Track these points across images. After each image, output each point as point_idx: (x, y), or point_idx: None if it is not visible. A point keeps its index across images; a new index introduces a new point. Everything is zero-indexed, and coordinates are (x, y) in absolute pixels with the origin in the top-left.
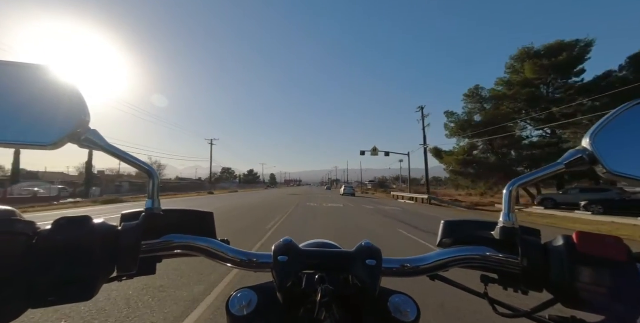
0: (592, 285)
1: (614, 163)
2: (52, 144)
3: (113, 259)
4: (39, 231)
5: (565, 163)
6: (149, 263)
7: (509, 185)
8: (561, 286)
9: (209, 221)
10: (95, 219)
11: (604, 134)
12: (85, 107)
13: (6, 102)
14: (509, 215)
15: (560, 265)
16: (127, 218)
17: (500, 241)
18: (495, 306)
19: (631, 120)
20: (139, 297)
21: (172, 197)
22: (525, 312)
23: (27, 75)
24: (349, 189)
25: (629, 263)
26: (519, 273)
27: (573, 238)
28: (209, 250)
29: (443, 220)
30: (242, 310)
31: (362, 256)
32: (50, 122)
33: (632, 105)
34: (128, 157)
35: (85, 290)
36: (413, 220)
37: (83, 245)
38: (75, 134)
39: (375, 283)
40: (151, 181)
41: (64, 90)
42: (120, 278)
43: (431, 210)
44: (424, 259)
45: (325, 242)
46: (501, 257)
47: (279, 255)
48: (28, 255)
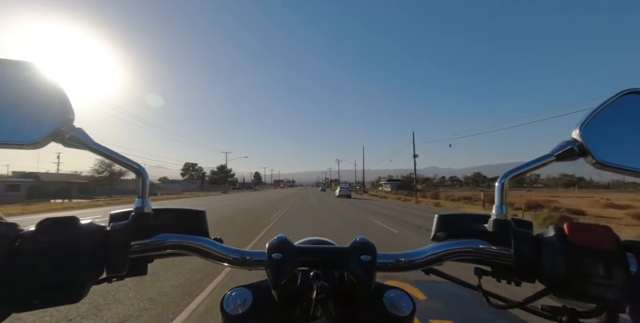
0: (582, 274)
1: (603, 154)
2: (34, 143)
3: (101, 260)
4: (22, 233)
5: (555, 155)
6: (139, 263)
7: (501, 177)
8: (553, 276)
9: (201, 220)
10: (82, 220)
11: (593, 125)
12: (69, 105)
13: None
14: (501, 208)
15: (551, 255)
16: (116, 218)
17: (493, 233)
18: (488, 297)
19: (620, 110)
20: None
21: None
22: (517, 303)
23: (8, 72)
24: (345, 190)
25: (618, 252)
26: (511, 265)
27: (564, 229)
28: (202, 249)
29: (437, 214)
30: (237, 308)
31: (356, 252)
32: (32, 120)
33: (621, 95)
34: (115, 156)
35: (72, 292)
36: None
37: (69, 246)
38: (59, 133)
39: (370, 279)
40: (140, 180)
41: (47, 87)
42: (109, 280)
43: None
44: (418, 253)
45: (320, 239)
46: (494, 249)
47: (273, 252)
48: (11, 258)
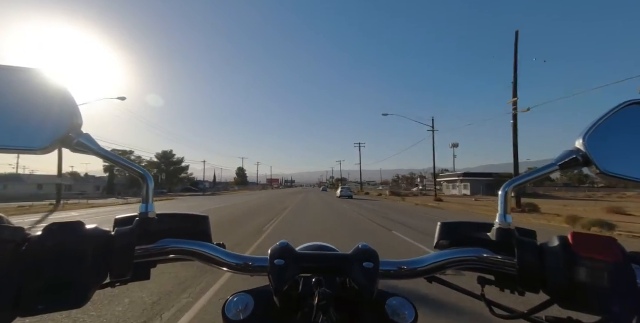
0: (588, 285)
1: (607, 164)
2: (43, 148)
3: (106, 265)
4: (28, 237)
5: (559, 164)
6: (143, 268)
7: (504, 186)
8: (557, 287)
9: (204, 225)
10: (88, 225)
11: (596, 135)
12: (77, 111)
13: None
14: (504, 217)
15: (555, 266)
16: (121, 223)
17: (497, 242)
18: (492, 307)
19: (624, 120)
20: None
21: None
22: (522, 314)
23: (17, 79)
24: (346, 191)
25: (623, 263)
26: (515, 275)
27: (568, 239)
28: (204, 254)
29: (440, 222)
30: (239, 314)
31: (359, 259)
32: (41, 126)
33: (624, 105)
34: (122, 161)
35: (77, 297)
36: None
37: (74, 251)
38: (67, 138)
39: (372, 286)
40: (145, 185)
41: (55, 93)
42: (113, 285)
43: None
44: (421, 261)
45: (322, 245)
46: (497, 259)
47: (276, 258)
48: (17, 262)
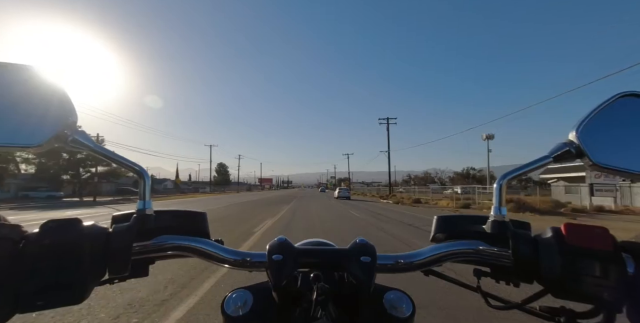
0: (580, 275)
1: (599, 156)
2: (38, 145)
3: (104, 262)
4: (25, 235)
5: (552, 156)
6: (141, 265)
7: (499, 178)
8: (551, 277)
9: (202, 221)
10: (85, 222)
11: (589, 126)
12: (72, 108)
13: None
14: (499, 209)
15: (549, 256)
16: (118, 220)
17: (492, 234)
18: (487, 298)
19: (616, 112)
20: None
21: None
22: (516, 304)
23: (13, 75)
24: (344, 192)
25: (614, 252)
26: (510, 266)
27: (562, 230)
28: (202, 250)
29: (436, 215)
30: (238, 310)
31: (356, 253)
32: (37, 123)
33: (617, 97)
34: (117, 158)
35: (75, 293)
36: None
37: (72, 248)
38: (62, 135)
39: (370, 280)
40: (142, 181)
41: (50, 90)
42: (111, 281)
43: None
44: (417, 254)
45: (320, 241)
46: (493, 250)
47: (274, 254)
48: (14, 259)
